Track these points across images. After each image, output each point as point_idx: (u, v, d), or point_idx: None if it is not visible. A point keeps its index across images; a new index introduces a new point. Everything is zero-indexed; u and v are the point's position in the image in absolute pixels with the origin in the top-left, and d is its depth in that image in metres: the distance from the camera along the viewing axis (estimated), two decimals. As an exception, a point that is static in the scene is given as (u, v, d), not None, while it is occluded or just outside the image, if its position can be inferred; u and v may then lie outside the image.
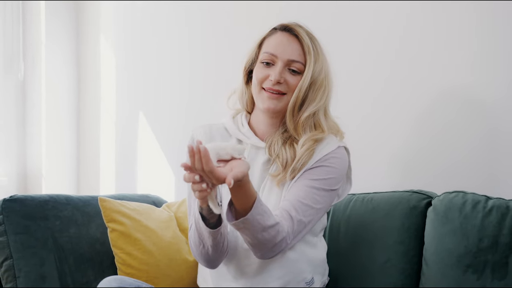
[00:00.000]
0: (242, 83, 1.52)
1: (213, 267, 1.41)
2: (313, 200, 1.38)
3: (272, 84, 1.42)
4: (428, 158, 1.77)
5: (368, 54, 1.89)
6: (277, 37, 1.45)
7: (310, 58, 1.42)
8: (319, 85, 1.43)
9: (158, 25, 2.46)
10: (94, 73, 2.64)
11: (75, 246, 1.64)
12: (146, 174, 2.47)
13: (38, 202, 1.62)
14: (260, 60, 1.45)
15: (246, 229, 1.27)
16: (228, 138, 1.51)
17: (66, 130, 2.63)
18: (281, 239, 1.33)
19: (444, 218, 1.51)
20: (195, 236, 1.35)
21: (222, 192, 1.46)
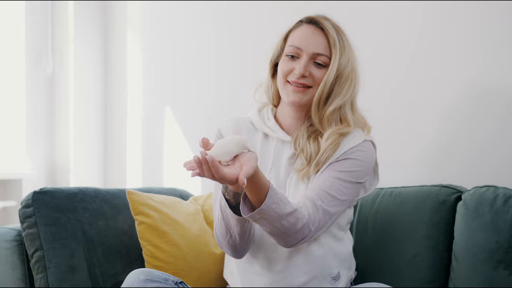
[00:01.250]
0: (268, 77, 1.51)
1: (240, 257, 1.41)
2: (339, 191, 1.37)
3: (297, 77, 1.41)
4: (457, 152, 1.74)
5: (404, 47, 1.86)
6: (303, 30, 1.44)
7: (336, 51, 1.41)
8: (345, 79, 1.41)
9: (184, 20, 2.47)
10: (121, 68, 2.67)
11: (103, 238, 1.65)
12: (172, 168, 2.49)
13: (67, 195, 1.64)
14: (285, 53, 1.44)
15: (263, 220, 1.26)
16: (254, 132, 1.50)
17: (93, 125, 2.66)
18: (302, 225, 1.32)
19: (474, 213, 1.48)
20: (222, 226, 1.34)
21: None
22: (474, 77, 1.72)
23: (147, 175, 2.57)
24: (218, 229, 1.37)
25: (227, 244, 1.37)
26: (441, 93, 1.78)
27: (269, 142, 1.48)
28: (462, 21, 1.73)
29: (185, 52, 2.46)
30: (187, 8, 2.45)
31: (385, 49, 1.90)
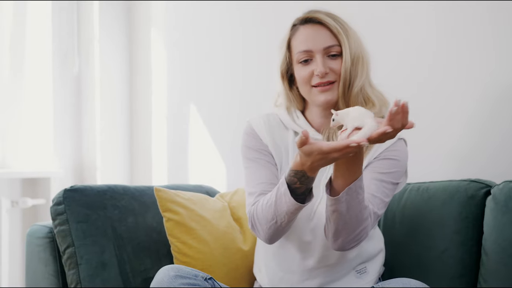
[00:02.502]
0: (284, 89, 1.49)
1: (272, 242, 1.41)
2: (384, 193, 1.38)
3: (320, 78, 1.40)
4: (486, 146, 1.72)
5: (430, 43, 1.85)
6: (302, 33, 1.43)
7: (342, 36, 1.40)
8: (358, 59, 1.41)
9: (209, 17, 2.48)
10: (145, 67, 2.69)
11: (133, 235, 1.68)
12: (198, 165, 2.50)
13: (97, 192, 1.67)
14: (297, 61, 1.43)
15: (346, 203, 1.25)
16: (284, 130, 1.51)
17: (119, 123, 2.69)
18: (366, 225, 1.33)
19: (504, 207, 1.47)
20: (269, 212, 1.33)
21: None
22: (500, 71, 1.70)
23: (172, 172, 2.59)
24: (263, 214, 1.36)
25: (267, 228, 1.36)
26: (469, 87, 1.76)
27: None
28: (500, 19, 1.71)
29: (210, 50, 2.47)
30: (212, 5, 2.46)
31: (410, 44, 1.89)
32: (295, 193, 1.28)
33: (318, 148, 1.16)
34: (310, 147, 1.17)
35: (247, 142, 1.50)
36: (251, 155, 1.48)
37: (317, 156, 1.18)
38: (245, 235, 1.72)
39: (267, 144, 1.48)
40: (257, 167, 1.46)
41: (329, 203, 1.28)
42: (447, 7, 1.81)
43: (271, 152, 1.47)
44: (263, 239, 1.41)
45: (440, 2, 1.82)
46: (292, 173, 1.26)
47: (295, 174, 1.26)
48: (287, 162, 1.47)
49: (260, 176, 1.44)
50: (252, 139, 1.50)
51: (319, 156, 1.18)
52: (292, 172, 1.26)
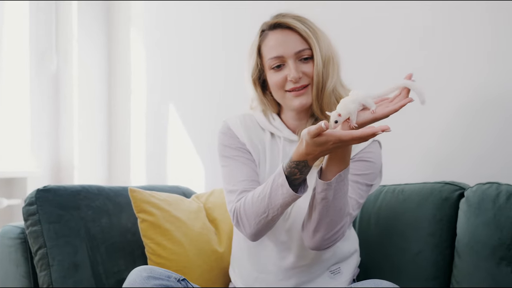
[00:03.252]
0: (257, 94, 1.48)
1: (257, 239, 1.40)
2: (358, 195, 1.39)
3: (294, 83, 1.40)
4: (461, 149, 1.73)
5: (407, 47, 1.86)
6: (272, 39, 1.42)
7: (312, 39, 1.40)
8: (328, 60, 1.41)
9: (190, 16, 2.47)
10: (125, 66, 2.67)
11: (106, 236, 1.66)
12: (177, 166, 2.49)
13: (70, 192, 1.65)
14: (269, 67, 1.43)
15: (334, 191, 1.26)
16: (260, 130, 1.50)
17: (97, 122, 2.67)
18: (344, 224, 1.33)
19: (477, 210, 1.48)
20: (261, 205, 1.33)
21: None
22: (478, 78, 1.71)
23: (151, 173, 2.57)
24: (253, 208, 1.35)
25: (256, 223, 1.35)
26: (446, 92, 1.77)
27: (277, 141, 1.48)
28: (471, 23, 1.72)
29: (189, 50, 2.46)
30: (192, 6, 2.45)
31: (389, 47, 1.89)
32: (292, 184, 1.28)
33: (337, 138, 1.15)
34: (326, 138, 1.16)
35: (224, 141, 1.50)
36: (229, 153, 1.47)
37: (332, 145, 1.17)
38: (220, 236, 1.71)
39: (245, 143, 1.48)
40: (236, 165, 1.45)
41: (320, 189, 1.28)
42: (428, 13, 1.82)
43: (249, 150, 1.47)
44: (249, 235, 1.40)
45: (422, 8, 1.83)
46: (293, 164, 1.26)
47: (297, 165, 1.25)
48: (264, 161, 1.47)
49: (241, 173, 1.44)
50: (229, 138, 1.49)
51: (334, 145, 1.17)
52: (294, 163, 1.25)
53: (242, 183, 1.42)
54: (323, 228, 1.32)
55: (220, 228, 1.72)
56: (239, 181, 1.43)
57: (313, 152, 1.20)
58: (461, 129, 1.74)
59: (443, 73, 1.79)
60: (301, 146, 1.22)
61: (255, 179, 1.44)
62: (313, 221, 1.33)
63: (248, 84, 1.49)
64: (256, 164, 1.47)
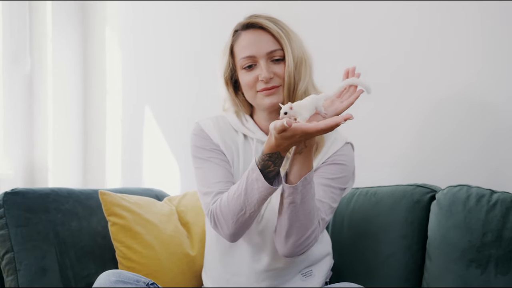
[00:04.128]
0: (229, 94, 1.48)
1: (236, 239, 1.39)
2: (331, 199, 1.39)
3: (265, 83, 1.40)
4: (433, 153, 1.74)
5: (377, 53, 1.87)
6: (244, 38, 1.43)
7: (284, 40, 1.40)
8: (301, 62, 1.41)
9: (165, 17, 2.45)
10: (100, 67, 2.64)
11: (76, 239, 1.64)
12: (152, 168, 2.47)
13: (39, 195, 1.62)
14: (241, 67, 1.43)
15: (301, 195, 1.26)
16: (233, 132, 1.49)
17: (72, 124, 2.64)
18: (315, 228, 1.33)
19: (448, 212, 1.48)
20: (237, 203, 1.32)
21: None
22: (450, 83, 1.72)
23: (126, 175, 2.55)
24: (229, 208, 1.34)
25: (234, 223, 1.34)
26: (419, 97, 1.78)
27: (250, 143, 1.48)
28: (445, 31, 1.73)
29: (165, 51, 2.44)
30: (168, 6, 2.43)
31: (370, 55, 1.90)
32: (267, 177, 1.28)
33: (303, 131, 1.17)
34: (293, 132, 1.18)
35: (197, 143, 1.48)
36: (203, 155, 1.46)
37: (300, 137, 1.19)
38: (192, 239, 1.70)
39: (218, 144, 1.47)
40: (211, 166, 1.44)
41: (286, 193, 1.28)
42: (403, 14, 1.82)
43: (223, 151, 1.46)
44: (227, 236, 1.38)
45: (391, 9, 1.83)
46: (266, 157, 1.26)
47: (270, 157, 1.25)
48: (238, 162, 1.47)
49: (216, 175, 1.43)
50: (202, 139, 1.48)
51: (302, 138, 1.19)
52: (266, 156, 1.25)
53: (217, 185, 1.41)
54: (295, 233, 1.32)
55: (192, 231, 1.71)
56: (213, 182, 1.42)
57: (282, 144, 1.22)
58: (433, 132, 1.75)
59: (415, 78, 1.79)
60: (270, 139, 1.23)
61: (230, 180, 1.43)
62: (284, 227, 1.32)
63: (220, 84, 1.49)
64: (230, 165, 1.46)
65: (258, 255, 1.45)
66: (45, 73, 2.56)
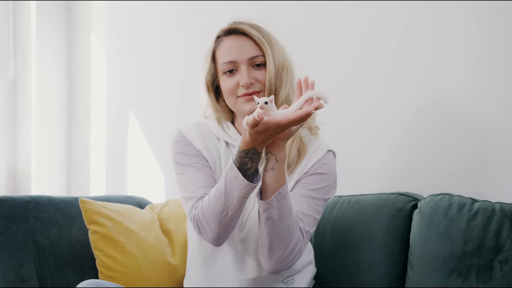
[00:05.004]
0: (210, 100, 1.48)
1: (221, 243, 1.38)
2: (315, 211, 1.39)
3: (245, 88, 1.40)
4: (416, 162, 1.74)
5: (362, 61, 1.87)
6: (227, 44, 1.43)
7: (265, 47, 1.41)
8: (282, 69, 1.42)
9: (149, 25, 2.44)
10: (85, 73, 2.63)
11: (55, 248, 1.61)
12: (136, 175, 2.45)
13: (18, 203, 1.60)
14: (222, 72, 1.43)
15: (277, 210, 1.26)
16: (215, 139, 1.49)
17: (56, 130, 2.61)
18: (298, 240, 1.33)
19: (429, 221, 1.48)
20: (218, 204, 1.31)
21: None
22: (430, 90, 1.73)
23: (110, 182, 2.53)
24: (211, 210, 1.33)
25: (216, 225, 1.33)
26: (403, 106, 1.78)
27: (232, 150, 1.47)
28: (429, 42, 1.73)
29: (150, 58, 2.43)
30: (153, 12, 2.42)
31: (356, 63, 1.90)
32: (246, 175, 1.27)
33: (275, 124, 1.17)
34: (266, 125, 1.17)
35: (179, 149, 1.47)
36: (185, 160, 1.45)
37: (273, 131, 1.19)
38: (174, 248, 1.68)
39: (201, 150, 1.46)
40: (194, 171, 1.43)
41: (262, 209, 1.28)
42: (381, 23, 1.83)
43: (205, 157, 1.45)
44: (211, 240, 1.37)
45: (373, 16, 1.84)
46: (242, 154, 1.25)
47: (246, 153, 1.24)
48: (220, 170, 1.46)
49: (199, 180, 1.42)
50: (184, 146, 1.47)
51: (275, 131, 1.19)
52: (243, 153, 1.25)
53: (200, 189, 1.40)
54: (277, 249, 1.31)
55: (174, 240, 1.69)
56: (196, 187, 1.41)
57: (257, 139, 1.22)
58: (416, 140, 1.75)
59: (398, 87, 1.79)
60: (245, 135, 1.23)
61: (212, 185, 1.42)
62: (265, 243, 1.32)
63: (201, 90, 1.49)
64: (213, 171, 1.45)
65: (241, 263, 1.44)
66: (29, 79, 2.54)
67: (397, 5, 1.79)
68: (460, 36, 1.67)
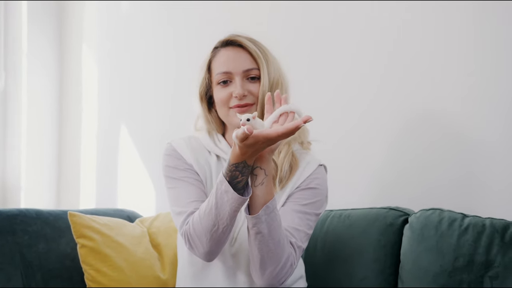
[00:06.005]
0: (203, 110, 1.49)
1: (212, 258, 1.37)
2: (307, 226, 1.39)
3: (238, 99, 1.40)
4: (407, 176, 1.74)
5: (352, 75, 1.87)
6: (223, 55, 1.44)
7: (261, 60, 1.42)
8: (276, 84, 1.43)
9: (141, 37, 2.44)
10: (76, 84, 2.62)
11: (43, 262, 1.60)
12: (127, 188, 2.43)
13: (6, 216, 1.59)
14: (217, 82, 1.43)
15: (267, 224, 1.25)
16: (206, 153, 1.48)
17: (46, 142, 2.60)
18: (289, 255, 1.32)
19: (420, 236, 1.47)
20: (209, 219, 1.30)
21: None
22: (423, 103, 1.73)
23: (101, 195, 2.51)
24: (202, 225, 1.32)
25: (208, 240, 1.32)
26: (390, 118, 1.78)
27: (223, 163, 1.46)
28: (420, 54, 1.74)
29: (142, 70, 2.43)
30: (145, 24, 2.42)
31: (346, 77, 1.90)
32: (236, 188, 1.26)
33: (264, 137, 1.17)
34: (255, 139, 1.17)
35: (170, 163, 1.46)
36: (176, 174, 1.44)
37: (262, 144, 1.19)
38: (164, 262, 1.67)
39: (192, 164, 1.45)
40: (184, 185, 1.42)
41: (251, 224, 1.27)
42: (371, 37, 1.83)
43: (196, 171, 1.44)
44: (203, 255, 1.36)
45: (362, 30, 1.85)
46: (232, 168, 1.24)
47: (236, 167, 1.24)
48: (211, 183, 1.45)
49: (190, 194, 1.41)
50: (175, 159, 1.46)
51: (264, 144, 1.19)
52: (233, 166, 1.24)
53: (191, 204, 1.39)
54: (269, 264, 1.30)
55: (163, 254, 1.68)
56: (187, 202, 1.39)
57: (247, 152, 1.22)
58: (407, 154, 1.75)
59: (388, 101, 1.80)
60: (235, 149, 1.23)
61: (204, 199, 1.41)
62: (256, 259, 1.31)
63: (195, 100, 1.49)
64: (204, 185, 1.44)
65: (231, 278, 1.42)
66: (19, 90, 2.53)
67: (388, 20, 1.80)
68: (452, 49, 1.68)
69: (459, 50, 1.66)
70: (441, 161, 1.68)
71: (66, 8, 2.65)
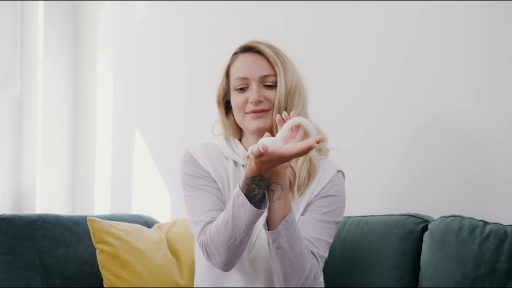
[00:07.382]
0: (221, 115, 1.50)
1: (230, 268, 1.37)
2: (328, 234, 1.39)
3: (254, 105, 1.41)
4: (425, 182, 1.73)
5: (365, 81, 1.88)
6: (241, 61, 1.45)
7: (279, 67, 1.42)
8: (294, 91, 1.43)
9: (155, 44, 2.45)
10: (90, 91, 2.63)
11: (62, 267, 1.60)
12: (142, 194, 2.44)
13: (26, 222, 1.59)
14: (234, 88, 1.45)
15: (287, 238, 1.26)
16: (223, 159, 1.48)
17: (61, 148, 2.61)
18: (312, 265, 1.32)
19: (440, 243, 1.47)
20: (226, 230, 1.30)
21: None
22: (443, 112, 1.72)
23: (115, 201, 2.51)
24: (219, 236, 1.32)
25: (225, 251, 1.32)
26: (410, 125, 1.78)
27: (240, 170, 1.47)
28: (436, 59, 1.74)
29: (156, 76, 2.44)
30: (159, 31, 2.44)
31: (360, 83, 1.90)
32: (253, 201, 1.27)
33: (278, 156, 1.19)
34: (269, 156, 1.19)
35: (187, 170, 1.47)
36: (194, 182, 1.44)
37: (277, 162, 1.21)
38: (182, 268, 1.67)
39: (209, 171, 1.45)
40: (202, 194, 1.42)
41: (271, 240, 1.28)
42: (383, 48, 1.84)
43: (214, 179, 1.45)
44: (220, 265, 1.36)
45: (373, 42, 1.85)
46: (249, 181, 1.25)
47: (253, 180, 1.25)
48: (228, 190, 1.45)
49: (207, 203, 1.41)
50: (192, 167, 1.47)
51: (278, 162, 1.21)
52: (249, 179, 1.25)
53: (208, 213, 1.39)
54: (293, 277, 1.31)
55: (181, 260, 1.68)
56: (205, 211, 1.40)
57: (263, 167, 1.23)
58: (422, 159, 1.75)
59: (404, 106, 1.79)
60: (251, 163, 1.24)
61: (221, 208, 1.41)
62: (280, 273, 1.31)
63: (214, 104, 1.51)
64: (221, 193, 1.45)
65: (250, 284, 1.42)
66: (35, 97, 2.55)
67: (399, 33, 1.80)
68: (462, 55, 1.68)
69: (472, 54, 1.66)
70: (455, 166, 1.67)
71: (81, 16, 2.67)
